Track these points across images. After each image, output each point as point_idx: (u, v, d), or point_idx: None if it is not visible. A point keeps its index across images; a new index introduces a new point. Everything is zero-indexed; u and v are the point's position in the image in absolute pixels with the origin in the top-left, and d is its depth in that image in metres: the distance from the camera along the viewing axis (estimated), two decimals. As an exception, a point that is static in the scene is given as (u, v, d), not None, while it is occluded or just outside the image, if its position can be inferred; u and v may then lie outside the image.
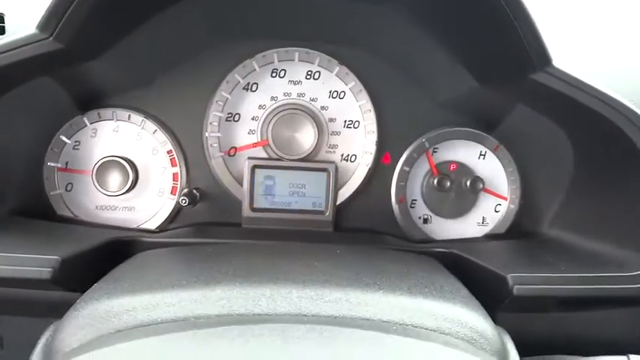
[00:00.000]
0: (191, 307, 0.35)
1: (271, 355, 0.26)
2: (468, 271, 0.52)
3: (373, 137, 0.66)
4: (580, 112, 0.50)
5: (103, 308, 0.36)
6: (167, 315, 0.35)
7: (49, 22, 0.44)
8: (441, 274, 0.47)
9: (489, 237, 0.68)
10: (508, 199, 0.68)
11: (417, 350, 0.29)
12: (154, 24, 0.52)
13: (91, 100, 0.62)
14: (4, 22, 0.63)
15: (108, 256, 0.56)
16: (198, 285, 0.37)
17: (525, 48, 0.44)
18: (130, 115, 0.63)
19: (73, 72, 0.56)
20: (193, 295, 0.36)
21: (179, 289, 0.37)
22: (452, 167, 0.69)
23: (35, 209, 0.61)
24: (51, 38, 0.45)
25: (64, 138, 0.63)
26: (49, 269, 0.46)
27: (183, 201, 0.61)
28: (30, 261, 0.46)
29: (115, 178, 0.63)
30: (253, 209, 0.64)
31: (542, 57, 0.45)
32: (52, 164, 0.63)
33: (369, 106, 0.65)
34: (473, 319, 0.38)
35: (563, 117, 0.55)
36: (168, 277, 0.41)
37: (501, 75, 0.51)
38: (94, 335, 0.34)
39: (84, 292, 0.47)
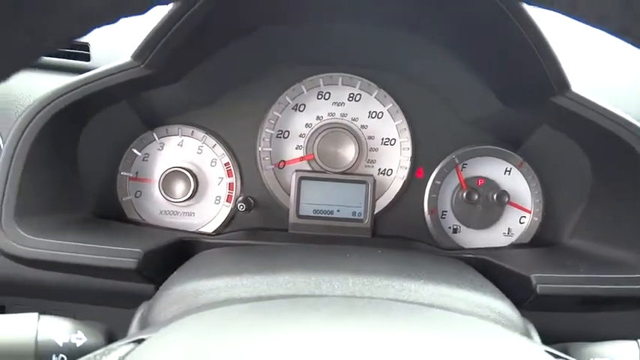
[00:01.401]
0: (264, 288, 0.42)
1: (341, 317, 0.33)
2: (494, 274, 0.58)
3: (408, 153, 0.73)
4: (597, 132, 0.56)
5: (190, 287, 0.44)
6: (245, 294, 0.42)
7: (143, 52, 0.52)
8: (470, 271, 0.53)
9: (514, 246, 0.74)
10: (532, 212, 0.74)
11: (457, 319, 0.36)
12: (222, 53, 0.61)
13: (160, 118, 0.71)
14: (89, 50, 0.73)
15: (174, 254, 0.64)
16: (266, 271, 0.44)
17: (546, 74, 0.51)
18: (193, 131, 0.72)
19: (149, 94, 0.65)
20: (264, 278, 0.43)
21: (251, 274, 0.44)
22: (479, 182, 0.75)
23: (110, 213, 0.70)
24: (142, 66, 0.54)
25: (135, 151, 0.71)
26: (135, 260, 0.54)
27: (241, 206, 0.69)
28: (118, 252, 0.54)
29: (178, 187, 0.72)
30: (299, 216, 0.71)
31: (561, 82, 0.52)
32: (124, 174, 0.71)
33: (405, 125, 0.73)
34: (501, 306, 0.44)
35: (582, 136, 0.61)
36: (239, 265, 0.48)
37: (524, 98, 0.58)
38: (184, 309, 0.42)
39: (157, 283, 0.55)
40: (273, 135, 0.73)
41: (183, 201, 0.72)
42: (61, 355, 0.38)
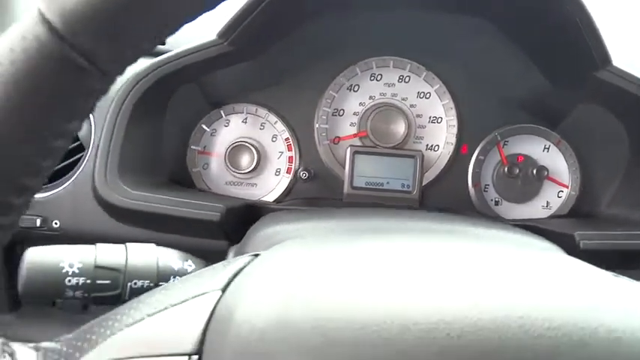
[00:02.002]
0: (346, 229, 0.49)
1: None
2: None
3: (454, 130, 0.79)
4: (637, 105, 0.62)
5: (277, 228, 0.50)
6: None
7: (228, 30, 0.59)
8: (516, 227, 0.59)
9: (553, 217, 0.79)
10: (569, 187, 0.80)
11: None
12: (291, 36, 0.68)
13: (227, 97, 0.78)
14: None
15: (244, 215, 0.70)
16: (343, 216, 0.51)
17: (589, 49, 0.56)
18: (256, 109, 0.79)
19: (220, 74, 0.72)
20: (342, 222, 0.50)
21: (330, 218, 0.51)
22: (519, 159, 0.81)
23: (180, 183, 0.77)
24: (226, 43, 0.61)
25: (204, 126, 0.78)
26: (218, 213, 0.61)
27: (304, 174, 0.76)
28: (203, 207, 0.61)
29: (242, 160, 0.79)
30: (352, 188, 0.78)
31: (603, 57, 0.58)
32: (194, 147, 0.79)
33: (451, 104, 0.79)
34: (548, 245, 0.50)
35: (621, 110, 0.66)
36: (314, 214, 0.55)
37: (569, 74, 0.64)
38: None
39: (232, 240, 0.62)
40: (330, 113, 0.79)
41: (247, 173, 0.79)
42: (177, 277, 0.45)
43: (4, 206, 0.27)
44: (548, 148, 0.81)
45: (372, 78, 0.80)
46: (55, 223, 0.68)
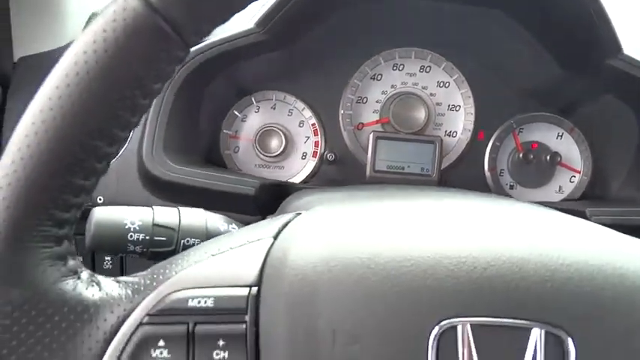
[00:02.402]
0: (376, 196, 0.53)
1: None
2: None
3: (472, 118, 0.83)
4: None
5: (310, 198, 0.55)
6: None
7: (265, 19, 0.64)
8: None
9: (566, 200, 0.83)
10: (581, 172, 0.84)
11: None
12: (322, 25, 0.73)
13: (258, 84, 0.83)
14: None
15: (275, 193, 0.75)
16: (372, 188, 0.56)
17: (601, 37, 0.61)
18: (285, 96, 0.84)
19: (252, 62, 0.77)
20: (372, 191, 0.55)
21: (359, 190, 0.55)
22: (533, 146, 0.85)
23: (213, 164, 0.82)
24: (262, 32, 0.66)
25: (236, 112, 0.84)
26: (253, 188, 0.66)
27: (330, 156, 0.81)
28: (240, 181, 0.66)
29: (270, 144, 0.83)
30: (375, 171, 0.82)
31: (614, 45, 0.62)
32: (226, 131, 0.84)
33: (469, 93, 0.83)
34: None
35: (633, 97, 0.70)
36: (343, 188, 0.59)
37: (582, 62, 0.68)
38: None
39: (264, 216, 0.67)
40: (354, 100, 0.84)
41: (275, 156, 0.84)
42: (224, 238, 0.50)
43: (100, 152, 0.32)
44: (561, 136, 0.85)
45: (395, 68, 0.84)
46: (100, 199, 0.73)
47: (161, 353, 0.32)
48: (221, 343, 0.33)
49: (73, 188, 0.32)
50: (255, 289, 0.34)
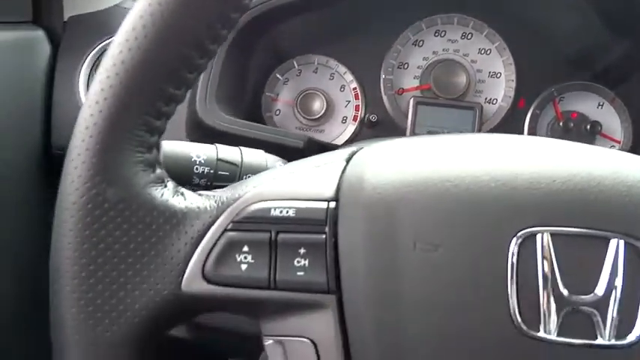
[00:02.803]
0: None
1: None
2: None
3: (512, 85, 0.84)
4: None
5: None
6: None
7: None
8: None
9: (605, 169, 0.83)
10: (621, 142, 0.84)
11: None
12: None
13: (299, 48, 0.84)
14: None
15: (318, 152, 0.77)
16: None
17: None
18: (327, 60, 0.85)
19: (296, 26, 0.78)
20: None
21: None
22: (573, 115, 0.85)
23: (255, 125, 0.84)
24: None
25: (278, 75, 0.85)
26: (301, 141, 0.67)
27: (373, 117, 0.82)
28: (288, 134, 0.68)
29: (311, 107, 0.85)
30: (414, 135, 0.83)
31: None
32: (268, 94, 0.85)
33: (511, 60, 0.83)
34: None
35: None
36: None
37: (632, 24, 0.68)
38: None
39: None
40: (395, 66, 0.85)
41: (316, 119, 0.85)
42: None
43: (192, 62, 0.33)
44: (602, 105, 0.85)
45: (437, 34, 0.85)
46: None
47: (245, 258, 0.34)
48: (302, 251, 0.34)
49: (166, 96, 0.33)
50: (333, 204, 0.35)
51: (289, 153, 0.70)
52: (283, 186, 0.36)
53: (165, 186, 0.35)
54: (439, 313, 0.32)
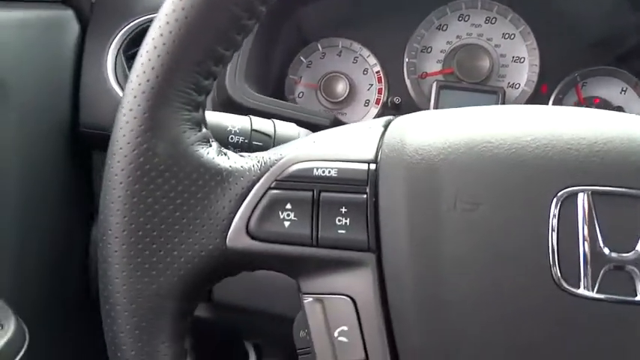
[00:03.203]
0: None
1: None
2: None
3: (536, 70, 0.84)
4: None
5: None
6: None
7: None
8: None
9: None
10: (644, 128, 0.83)
11: None
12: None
13: (323, 31, 0.85)
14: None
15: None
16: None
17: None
18: (351, 44, 0.85)
19: (321, 9, 0.79)
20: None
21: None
22: (595, 100, 0.85)
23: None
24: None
25: (302, 58, 0.86)
26: (328, 119, 0.68)
27: (397, 99, 0.83)
28: (315, 113, 0.69)
29: (334, 90, 0.85)
30: (437, 120, 0.83)
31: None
32: (291, 76, 0.86)
33: (535, 45, 0.84)
34: None
35: None
36: None
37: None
38: None
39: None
40: (418, 49, 0.85)
41: (338, 102, 0.85)
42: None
43: (240, 23, 0.34)
44: (625, 91, 0.85)
45: (461, 18, 0.85)
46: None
47: (288, 215, 0.34)
48: (343, 210, 0.34)
49: (215, 56, 0.34)
50: (373, 166, 0.36)
51: (315, 131, 0.72)
52: (324, 148, 0.37)
53: (210, 145, 0.36)
54: (479, 270, 0.32)
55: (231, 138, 0.49)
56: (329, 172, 0.35)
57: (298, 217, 0.34)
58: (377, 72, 0.85)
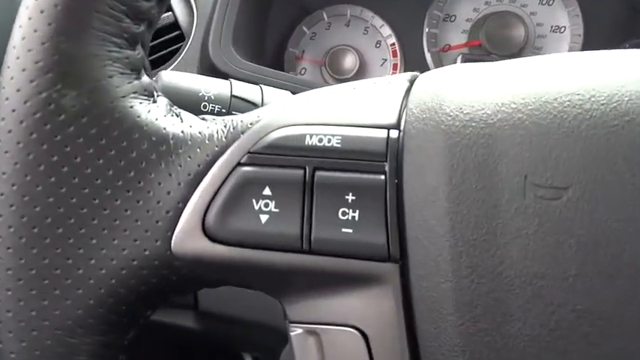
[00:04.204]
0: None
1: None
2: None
3: (580, 40, 0.71)
4: None
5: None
6: None
7: None
8: None
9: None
10: None
11: None
12: None
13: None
14: None
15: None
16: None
17: None
18: (361, 11, 0.73)
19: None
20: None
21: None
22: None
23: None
24: None
25: (304, 29, 0.74)
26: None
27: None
28: (314, 85, 0.57)
29: (342, 65, 0.74)
30: (461, 100, 0.72)
31: None
32: (292, 50, 0.74)
33: (578, 11, 0.71)
34: None
35: None
36: None
37: None
38: None
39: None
40: (440, 18, 0.73)
41: (346, 79, 0.74)
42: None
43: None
44: (684, 66, 0.73)
45: (490, -19, 0.73)
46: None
47: (266, 205, 0.23)
48: (350, 197, 0.23)
49: None
50: (395, 133, 0.24)
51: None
52: (323, 108, 0.25)
53: (154, 101, 0.25)
54: (560, 285, 0.21)
55: (205, 106, 0.37)
56: (329, 140, 0.24)
57: (281, 209, 0.23)
58: (391, 45, 0.74)
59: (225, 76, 0.57)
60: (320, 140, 0.23)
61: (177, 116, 0.25)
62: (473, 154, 0.22)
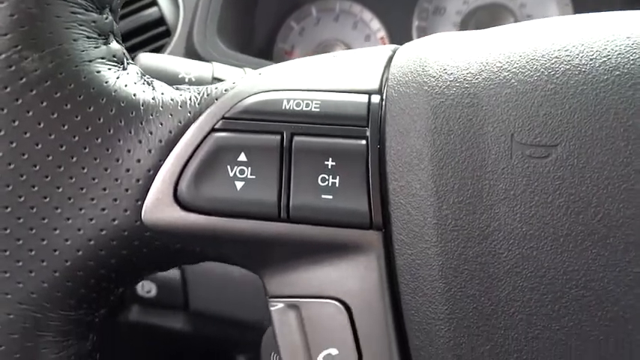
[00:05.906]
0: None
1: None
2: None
3: (570, 31, 0.71)
4: None
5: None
6: None
7: None
8: None
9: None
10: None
11: None
12: None
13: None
14: None
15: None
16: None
17: None
18: (351, 5, 0.73)
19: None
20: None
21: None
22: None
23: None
24: None
25: (293, 23, 0.73)
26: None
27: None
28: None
29: (332, 61, 0.73)
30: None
31: None
32: (280, 45, 0.74)
33: (567, 1, 0.71)
34: None
35: None
36: None
37: None
38: None
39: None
40: (430, 10, 0.73)
41: (337, 75, 0.73)
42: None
43: None
44: (676, 56, 0.72)
45: (479, -27, 0.73)
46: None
47: (242, 172, 0.22)
48: (330, 163, 0.22)
49: None
50: (376, 98, 0.23)
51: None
52: (302, 74, 0.24)
53: (124, 69, 0.23)
54: (552, 250, 0.20)
55: (185, 89, 0.37)
56: (307, 105, 0.23)
57: (258, 175, 0.22)
58: (381, 38, 0.73)
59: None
60: (298, 105, 0.22)
61: (149, 85, 0.24)
62: (457, 114, 0.21)
